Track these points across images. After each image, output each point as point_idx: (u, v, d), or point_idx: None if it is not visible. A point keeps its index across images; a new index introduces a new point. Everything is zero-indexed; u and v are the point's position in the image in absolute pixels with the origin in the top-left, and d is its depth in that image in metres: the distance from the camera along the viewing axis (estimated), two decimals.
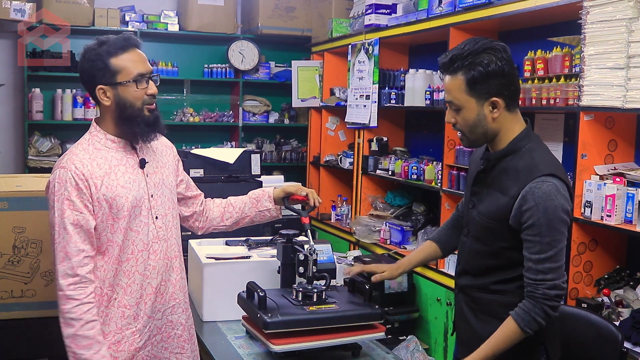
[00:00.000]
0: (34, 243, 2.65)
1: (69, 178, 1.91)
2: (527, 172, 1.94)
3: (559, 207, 1.90)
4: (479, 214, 2.05)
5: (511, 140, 2.00)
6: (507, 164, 2.00)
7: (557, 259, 1.92)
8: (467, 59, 1.93)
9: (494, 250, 2.03)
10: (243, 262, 2.63)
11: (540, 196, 1.89)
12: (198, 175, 3.40)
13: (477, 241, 2.08)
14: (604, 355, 2.36)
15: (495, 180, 2.02)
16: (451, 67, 1.96)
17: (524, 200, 1.91)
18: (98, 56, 1.97)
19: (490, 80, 1.93)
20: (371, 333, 2.21)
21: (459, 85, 1.95)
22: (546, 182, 1.90)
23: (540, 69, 3.45)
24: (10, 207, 2.62)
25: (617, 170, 3.04)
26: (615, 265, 3.20)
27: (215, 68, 6.22)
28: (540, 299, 1.91)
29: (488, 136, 2.02)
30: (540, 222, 1.89)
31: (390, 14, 4.72)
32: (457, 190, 3.93)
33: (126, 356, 2.00)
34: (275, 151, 6.48)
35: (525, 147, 2.00)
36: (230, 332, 2.46)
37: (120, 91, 1.97)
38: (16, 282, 2.65)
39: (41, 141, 5.59)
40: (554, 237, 1.90)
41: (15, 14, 5.19)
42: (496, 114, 1.97)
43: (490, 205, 2.02)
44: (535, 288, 1.91)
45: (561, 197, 1.90)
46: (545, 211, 1.88)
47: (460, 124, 2.01)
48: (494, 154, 2.04)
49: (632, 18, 2.77)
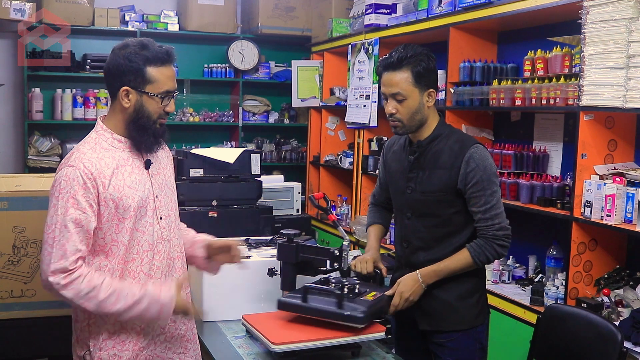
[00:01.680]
0: (34, 243, 2.65)
1: (76, 177, 1.89)
2: (461, 145, 2.36)
3: (492, 165, 2.36)
4: (422, 193, 2.40)
5: (435, 127, 2.41)
6: (438, 147, 2.39)
7: (499, 206, 2.35)
8: (412, 58, 2.33)
9: (444, 219, 2.39)
10: (243, 262, 2.63)
11: (478, 159, 2.32)
12: (198, 175, 3.40)
13: (424, 218, 2.42)
14: (604, 354, 2.36)
15: (431, 161, 2.39)
16: (399, 64, 2.33)
17: (467, 164, 2.32)
18: (137, 58, 1.95)
19: (429, 74, 2.36)
20: (371, 333, 2.22)
21: (407, 78, 2.33)
22: (479, 148, 2.36)
23: (540, 68, 3.45)
24: (10, 206, 2.62)
25: (617, 170, 3.04)
26: (615, 265, 3.20)
27: (215, 68, 6.22)
28: (490, 239, 2.33)
29: (422, 123, 2.39)
30: (482, 178, 2.32)
31: (390, 14, 4.72)
32: None
33: (130, 355, 2.00)
34: (275, 151, 6.48)
35: (446, 132, 2.42)
36: (230, 331, 2.46)
37: (144, 100, 1.97)
38: (16, 281, 2.64)
39: (41, 141, 5.59)
40: (493, 189, 2.34)
41: (15, 14, 5.19)
42: (430, 103, 2.39)
43: (434, 182, 2.38)
44: (486, 231, 2.33)
45: (491, 158, 2.38)
46: (484, 169, 2.32)
47: (402, 113, 2.36)
48: (425, 140, 2.41)
49: (632, 18, 2.77)
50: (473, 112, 4.02)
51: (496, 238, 2.33)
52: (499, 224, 2.33)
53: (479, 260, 2.34)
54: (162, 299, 1.94)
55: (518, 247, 3.94)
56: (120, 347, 1.99)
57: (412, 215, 2.44)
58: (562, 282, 3.22)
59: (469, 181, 2.32)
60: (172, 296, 1.96)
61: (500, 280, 3.72)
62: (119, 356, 1.98)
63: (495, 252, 2.34)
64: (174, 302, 1.96)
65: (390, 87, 2.35)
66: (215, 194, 3.40)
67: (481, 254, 2.33)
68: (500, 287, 3.64)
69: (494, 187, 2.34)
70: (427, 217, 2.41)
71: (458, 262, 2.35)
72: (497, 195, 2.35)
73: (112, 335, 1.98)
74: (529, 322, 3.20)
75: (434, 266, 2.35)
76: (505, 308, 3.44)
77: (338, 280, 2.29)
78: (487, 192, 2.32)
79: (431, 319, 2.41)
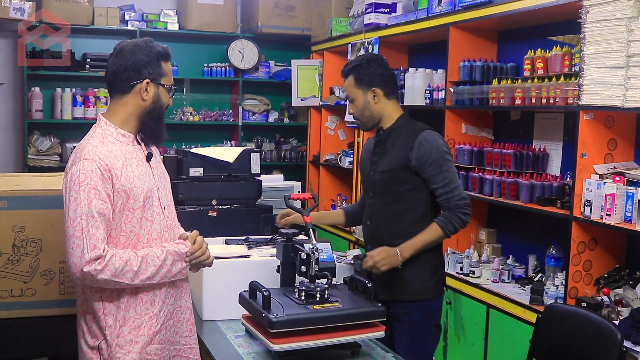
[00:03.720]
0: (34, 242, 2.65)
1: (94, 168, 1.97)
2: (415, 131, 2.68)
3: (444, 145, 2.67)
4: (381, 173, 2.72)
5: (396, 119, 2.75)
6: (397, 134, 2.73)
7: (455, 180, 2.64)
8: (353, 65, 2.76)
9: (399, 195, 2.68)
10: (243, 261, 2.64)
11: (430, 141, 2.63)
12: (197, 174, 3.39)
13: (383, 196, 2.72)
14: (604, 354, 2.37)
15: (390, 146, 2.73)
16: (346, 73, 2.79)
17: (420, 145, 2.62)
18: (152, 52, 2.09)
19: (369, 77, 2.73)
20: (371, 332, 2.21)
21: (351, 82, 2.76)
22: (430, 132, 2.68)
23: (540, 68, 3.45)
24: (10, 206, 2.62)
25: (616, 170, 3.04)
26: (615, 265, 3.20)
27: (215, 67, 6.22)
28: (454, 209, 2.61)
29: (374, 118, 2.76)
30: (437, 157, 2.61)
31: (390, 13, 4.72)
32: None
33: (145, 340, 2.07)
34: (275, 150, 6.48)
35: (406, 123, 2.76)
36: (230, 331, 2.46)
37: (161, 92, 2.11)
38: (16, 281, 2.64)
39: (41, 140, 5.59)
40: (448, 166, 2.62)
41: (15, 13, 5.19)
42: (377, 99, 2.73)
43: (390, 161, 2.70)
44: (448, 202, 2.62)
45: (442, 140, 2.69)
46: (437, 149, 2.62)
47: (355, 111, 2.78)
48: (388, 129, 2.76)
49: (632, 17, 2.77)
50: (473, 112, 4.02)
51: (458, 207, 2.61)
52: (459, 194, 2.62)
53: (447, 229, 2.61)
54: (182, 251, 2.10)
55: (518, 247, 3.94)
56: (136, 332, 2.06)
57: (374, 194, 2.77)
58: (561, 281, 3.22)
59: (425, 161, 2.61)
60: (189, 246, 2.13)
61: (500, 280, 3.72)
62: (135, 341, 2.05)
63: (460, 220, 2.62)
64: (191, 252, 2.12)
65: (345, 92, 2.83)
66: (215, 193, 3.39)
67: (448, 223, 2.60)
68: (500, 286, 3.64)
69: (449, 163, 2.64)
70: (385, 194, 2.72)
71: (430, 234, 2.62)
72: (453, 170, 2.65)
73: (127, 321, 2.05)
74: (529, 321, 3.21)
75: (409, 241, 2.61)
76: (505, 307, 3.44)
77: (304, 285, 2.25)
78: (443, 169, 2.61)
79: (388, 289, 2.66)
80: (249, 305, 2.23)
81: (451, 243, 4.06)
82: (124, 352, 2.03)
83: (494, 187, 3.67)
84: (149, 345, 2.08)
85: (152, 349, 2.09)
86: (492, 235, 4.07)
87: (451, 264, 3.95)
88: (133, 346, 2.05)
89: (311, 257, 2.26)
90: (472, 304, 3.68)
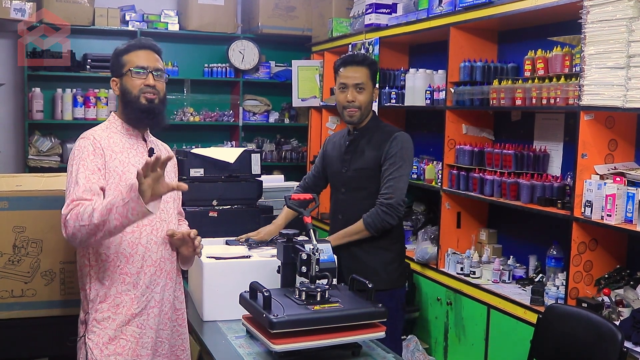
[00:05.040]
0: (34, 242, 2.65)
1: (87, 145, 2.15)
2: (389, 132, 2.86)
3: (411, 149, 2.83)
4: (355, 170, 2.88)
5: (370, 119, 2.92)
6: (371, 135, 2.89)
7: (402, 181, 2.76)
8: (369, 60, 2.93)
9: (371, 191, 2.82)
10: (243, 262, 2.64)
11: (401, 140, 2.82)
12: (198, 175, 3.40)
13: (356, 191, 2.88)
14: (604, 354, 2.37)
15: (363, 146, 2.88)
16: (363, 62, 2.89)
17: (391, 142, 2.80)
18: (114, 54, 2.30)
19: (376, 76, 2.95)
20: (372, 332, 2.22)
21: (367, 73, 2.88)
22: (403, 134, 2.86)
23: (541, 68, 3.45)
24: (11, 206, 2.62)
25: (617, 170, 3.04)
26: (616, 265, 3.20)
27: (216, 67, 6.22)
28: (378, 205, 2.75)
29: (367, 114, 2.92)
30: (397, 154, 2.77)
31: (390, 14, 4.72)
32: (458, 189, 3.93)
33: (123, 319, 2.16)
34: (276, 151, 6.48)
35: (379, 123, 2.95)
36: (230, 331, 2.46)
37: (124, 81, 2.25)
38: (16, 281, 2.64)
39: (41, 140, 5.59)
40: (401, 165, 2.75)
41: (16, 14, 5.19)
42: (375, 98, 2.94)
43: (365, 159, 2.86)
44: (378, 198, 2.76)
45: (412, 145, 2.85)
46: (402, 148, 2.78)
47: (361, 101, 2.87)
48: (361, 128, 2.93)
49: (633, 17, 2.77)
50: (473, 112, 4.02)
51: (382, 205, 2.75)
52: (391, 194, 2.74)
53: (366, 223, 2.77)
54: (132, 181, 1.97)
55: (518, 247, 3.94)
56: (114, 310, 2.15)
57: (346, 190, 2.93)
58: (562, 281, 3.22)
59: (389, 155, 2.78)
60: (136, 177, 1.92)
61: (501, 280, 3.72)
62: (113, 319, 2.15)
63: (380, 218, 2.75)
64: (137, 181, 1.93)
65: (354, 79, 2.88)
66: (215, 193, 3.40)
67: (371, 223, 2.76)
68: (501, 286, 3.64)
69: (405, 165, 2.79)
70: (358, 190, 2.88)
71: (353, 227, 2.81)
72: (404, 172, 2.78)
73: (107, 298, 2.15)
74: (530, 322, 3.20)
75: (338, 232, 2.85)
76: (505, 308, 3.44)
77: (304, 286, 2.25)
78: (396, 165, 2.76)
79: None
80: (250, 305, 2.23)
81: (452, 243, 4.06)
82: (100, 327, 2.14)
83: (494, 188, 3.67)
84: (126, 325, 2.16)
85: (128, 329, 2.16)
86: (492, 235, 4.07)
87: (452, 265, 3.95)
88: (110, 323, 2.14)
89: (312, 257, 2.26)
90: (473, 305, 3.68)
